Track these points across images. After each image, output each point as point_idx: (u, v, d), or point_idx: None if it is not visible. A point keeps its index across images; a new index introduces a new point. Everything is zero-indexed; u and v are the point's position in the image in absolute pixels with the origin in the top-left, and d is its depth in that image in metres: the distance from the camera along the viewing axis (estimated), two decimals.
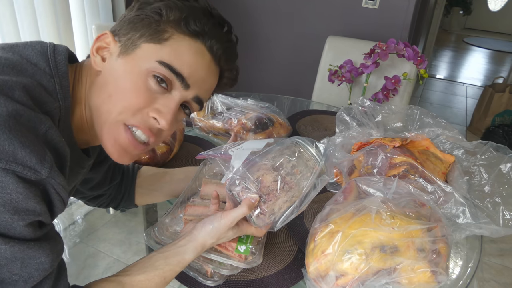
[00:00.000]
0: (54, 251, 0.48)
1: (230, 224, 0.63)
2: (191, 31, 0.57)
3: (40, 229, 0.47)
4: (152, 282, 0.59)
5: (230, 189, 0.66)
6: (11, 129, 0.42)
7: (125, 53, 0.57)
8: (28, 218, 0.44)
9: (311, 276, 0.67)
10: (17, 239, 0.44)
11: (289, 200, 0.65)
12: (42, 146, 0.46)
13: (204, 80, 0.61)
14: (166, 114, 0.57)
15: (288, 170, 0.65)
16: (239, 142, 0.77)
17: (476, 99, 3.61)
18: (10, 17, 1.47)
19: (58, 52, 0.56)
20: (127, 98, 0.56)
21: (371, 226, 0.63)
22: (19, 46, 0.54)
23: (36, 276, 0.46)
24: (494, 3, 6.70)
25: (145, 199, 0.91)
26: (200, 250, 0.64)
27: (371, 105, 1.00)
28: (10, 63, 0.51)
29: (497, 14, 6.88)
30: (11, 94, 0.46)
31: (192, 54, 0.58)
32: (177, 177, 0.91)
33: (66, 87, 0.55)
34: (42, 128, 0.47)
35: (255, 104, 1.26)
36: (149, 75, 0.56)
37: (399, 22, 2.07)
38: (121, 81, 0.56)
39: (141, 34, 0.57)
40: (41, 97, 0.50)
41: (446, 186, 0.79)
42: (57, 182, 0.47)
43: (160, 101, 0.57)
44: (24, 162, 0.42)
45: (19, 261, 0.44)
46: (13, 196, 0.42)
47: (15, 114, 0.44)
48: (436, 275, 0.61)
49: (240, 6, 2.39)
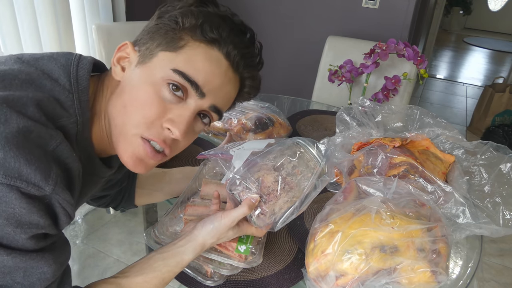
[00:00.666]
0: (58, 261, 0.49)
1: (231, 224, 0.63)
2: (207, 38, 0.56)
3: (45, 240, 0.48)
4: (151, 284, 0.59)
5: (230, 189, 0.66)
6: (19, 146, 0.43)
7: (143, 62, 0.57)
8: (30, 231, 0.45)
9: (311, 276, 0.67)
10: (20, 250, 0.45)
11: (289, 200, 0.65)
12: (49, 163, 0.46)
13: (220, 89, 0.59)
14: (179, 124, 0.56)
15: (289, 171, 0.65)
16: (240, 142, 0.77)
17: (476, 99, 3.61)
18: (10, 17, 1.47)
19: (81, 66, 0.56)
20: (140, 109, 0.55)
21: (371, 226, 0.63)
22: (44, 59, 0.55)
23: (38, 285, 0.47)
24: (494, 3, 6.70)
25: (145, 199, 0.91)
26: (199, 250, 0.64)
27: (371, 105, 1.00)
28: (30, 78, 0.52)
29: (497, 14, 6.89)
30: (24, 111, 0.46)
31: (207, 62, 0.56)
32: (176, 176, 0.91)
33: (85, 102, 0.55)
34: (52, 144, 0.48)
35: (255, 104, 1.26)
36: (163, 84, 0.55)
37: (399, 22, 2.07)
38: (135, 91, 0.56)
39: (158, 43, 0.57)
40: (55, 112, 0.51)
41: (446, 186, 0.79)
42: (61, 197, 0.47)
43: (175, 111, 0.56)
44: (28, 179, 0.43)
45: (21, 270, 0.45)
46: (16, 210, 0.43)
47: (25, 130, 0.45)
48: (436, 275, 0.61)
49: (240, 6, 2.39)
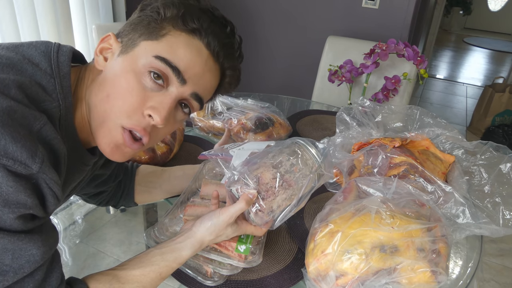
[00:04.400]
0: (46, 244, 0.49)
1: (229, 219, 0.64)
2: (189, 27, 0.58)
3: (32, 222, 0.48)
4: (147, 277, 0.59)
5: (229, 186, 0.66)
6: (4, 125, 0.43)
7: (125, 52, 0.59)
8: (18, 211, 0.45)
9: (311, 276, 0.67)
10: (8, 231, 0.45)
11: (288, 198, 0.65)
12: (35, 142, 0.46)
13: (201, 77, 0.60)
14: (161, 110, 0.57)
15: (287, 168, 0.66)
16: (240, 143, 0.78)
17: (476, 99, 3.61)
18: (10, 17, 1.47)
19: (61, 53, 0.57)
20: (122, 97, 0.56)
21: (371, 226, 0.63)
22: (24, 46, 0.55)
23: (27, 268, 0.47)
24: (494, 3, 6.70)
25: (144, 197, 0.91)
26: (198, 247, 0.64)
27: (371, 105, 1.00)
28: (10, 62, 0.52)
29: (497, 14, 6.88)
30: (6, 92, 0.47)
31: (188, 50, 0.58)
32: (175, 174, 0.91)
33: (67, 87, 0.56)
34: (37, 125, 0.48)
35: (255, 104, 1.27)
36: (144, 73, 0.56)
37: (399, 22, 2.07)
38: (118, 80, 0.57)
39: (140, 33, 0.58)
40: (37, 95, 0.51)
41: (446, 186, 0.79)
42: (48, 177, 0.47)
43: (156, 98, 0.57)
44: (14, 157, 0.43)
45: (10, 252, 0.45)
46: (3, 189, 0.43)
47: (9, 110, 0.45)
48: (436, 275, 0.61)
49: (240, 6, 2.39)
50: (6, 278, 0.46)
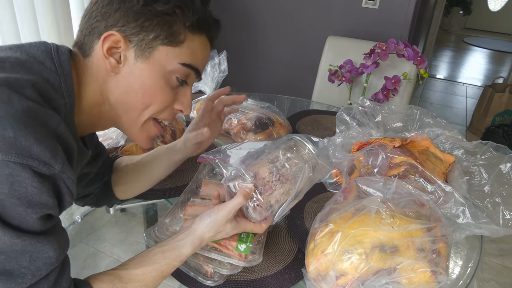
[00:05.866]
0: (61, 245, 0.50)
1: (228, 215, 0.64)
2: (202, 30, 0.63)
3: (50, 221, 0.49)
4: (149, 276, 0.60)
5: (226, 182, 0.67)
6: (27, 125, 0.44)
7: (143, 56, 0.59)
8: (41, 211, 0.46)
9: (311, 276, 0.67)
10: (29, 233, 0.45)
11: (285, 192, 0.66)
12: (54, 142, 0.47)
13: None
14: (188, 104, 0.67)
15: (284, 162, 0.67)
16: (238, 144, 0.78)
17: (476, 99, 3.60)
18: (10, 17, 1.46)
19: (61, 52, 0.58)
20: (155, 98, 0.62)
21: (371, 226, 0.63)
22: (25, 46, 0.56)
23: (44, 270, 0.47)
24: (494, 3, 6.69)
25: (127, 194, 0.87)
26: (198, 244, 0.65)
27: (371, 105, 1.00)
28: (19, 61, 0.52)
29: (497, 14, 6.88)
30: (23, 92, 0.47)
31: (203, 50, 0.65)
32: (146, 159, 0.85)
33: (70, 85, 0.57)
34: (53, 124, 0.49)
35: (255, 104, 1.27)
36: (171, 76, 0.62)
37: (399, 22, 2.07)
38: (149, 85, 0.61)
39: (155, 36, 0.58)
40: (49, 94, 0.52)
41: (446, 186, 0.79)
42: (67, 176, 0.48)
43: (180, 93, 0.66)
44: (39, 157, 0.44)
45: (28, 254, 0.46)
46: (28, 189, 0.44)
47: (29, 110, 0.46)
48: (436, 275, 0.61)
49: (240, 6, 2.39)
50: (25, 281, 0.46)
